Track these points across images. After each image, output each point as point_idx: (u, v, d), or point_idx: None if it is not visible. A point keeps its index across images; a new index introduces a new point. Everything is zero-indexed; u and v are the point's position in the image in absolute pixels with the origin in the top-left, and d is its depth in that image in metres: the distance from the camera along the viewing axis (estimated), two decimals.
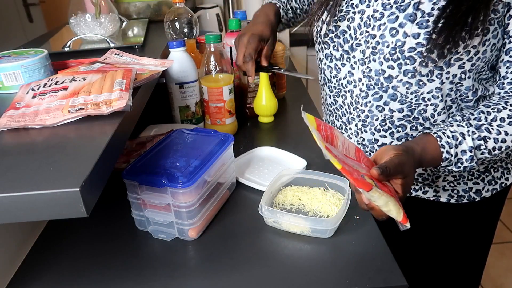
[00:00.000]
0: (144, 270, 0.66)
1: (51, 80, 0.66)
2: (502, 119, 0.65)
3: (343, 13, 0.76)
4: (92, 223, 0.76)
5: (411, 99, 0.72)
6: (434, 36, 0.65)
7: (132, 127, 0.65)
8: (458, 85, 0.69)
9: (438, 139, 0.65)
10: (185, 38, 1.10)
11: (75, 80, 0.65)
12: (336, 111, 0.84)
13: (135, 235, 0.74)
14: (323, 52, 0.82)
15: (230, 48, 1.18)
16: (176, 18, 1.08)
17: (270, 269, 0.65)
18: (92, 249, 0.71)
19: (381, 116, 0.76)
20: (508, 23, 0.66)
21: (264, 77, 1.12)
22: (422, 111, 0.73)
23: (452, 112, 0.74)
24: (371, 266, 0.64)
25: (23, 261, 0.70)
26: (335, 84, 0.81)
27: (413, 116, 0.74)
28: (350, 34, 0.75)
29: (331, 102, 0.85)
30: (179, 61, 0.99)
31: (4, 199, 0.41)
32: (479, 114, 0.66)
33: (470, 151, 0.65)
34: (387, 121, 0.76)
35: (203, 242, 0.71)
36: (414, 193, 0.85)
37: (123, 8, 1.34)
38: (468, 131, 0.65)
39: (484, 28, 0.64)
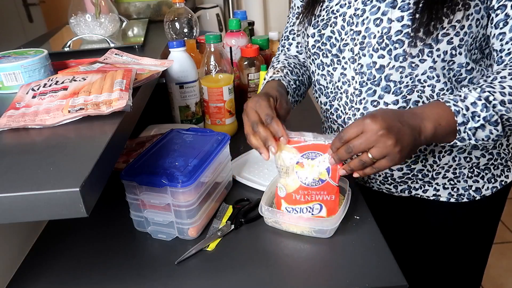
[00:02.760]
0: (144, 270, 0.66)
1: (51, 80, 0.66)
2: (503, 77, 0.64)
3: (324, 21, 0.77)
4: (92, 223, 0.76)
5: (406, 83, 0.71)
6: (417, 16, 0.66)
7: (132, 127, 0.65)
8: (450, 63, 0.69)
9: (440, 99, 0.63)
10: (185, 38, 1.10)
11: (75, 80, 0.65)
12: (331, 115, 0.84)
13: (135, 235, 0.74)
14: (314, 63, 0.82)
15: (230, 48, 1.18)
16: (176, 18, 1.08)
17: (270, 269, 0.65)
18: (92, 249, 0.71)
19: None
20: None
21: (264, 77, 1.12)
22: (419, 98, 0.72)
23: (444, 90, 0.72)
24: (371, 266, 0.64)
25: (23, 261, 0.70)
26: (331, 89, 0.81)
27: (408, 107, 0.73)
28: (335, 38, 0.76)
29: (327, 108, 0.84)
30: (179, 61, 0.99)
31: (4, 199, 0.41)
32: (478, 82, 0.66)
33: (480, 100, 0.61)
34: None
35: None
36: (414, 192, 0.84)
37: (123, 8, 1.34)
38: (470, 89, 0.63)
39: (465, 3, 0.65)
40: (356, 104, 0.77)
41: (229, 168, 0.84)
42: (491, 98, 0.61)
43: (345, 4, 0.75)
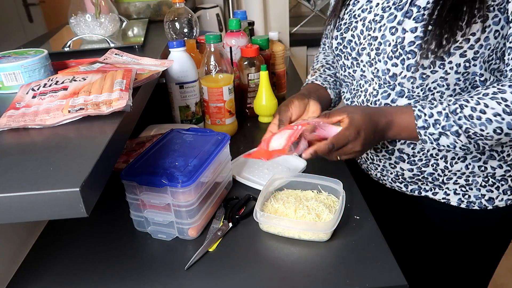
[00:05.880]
0: (144, 270, 0.66)
1: (51, 80, 0.66)
2: (485, 94, 0.66)
3: (346, 25, 0.80)
4: (92, 223, 0.76)
5: (417, 93, 0.73)
6: (430, 28, 0.66)
7: (132, 127, 0.65)
8: (465, 74, 0.69)
9: (411, 104, 0.71)
10: (185, 38, 1.10)
11: (75, 80, 0.65)
12: None
13: (135, 235, 0.74)
14: (338, 64, 0.85)
15: (230, 48, 1.18)
16: (176, 18, 1.08)
17: (271, 268, 0.65)
18: (92, 249, 0.71)
19: None
20: (508, 9, 0.65)
21: (264, 77, 1.12)
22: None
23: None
24: (371, 266, 0.64)
25: (23, 261, 0.70)
26: (354, 86, 0.83)
27: None
28: (355, 42, 0.78)
29: (348, 103, 0.87)
30: (179, 61, 0.99)
31: (4, 199, 0.41)
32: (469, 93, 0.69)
33: (444, 110, 0.67)
34: None
35: (203, 242, 0.70)
36: (424, 193, 0.84)
37: (123, 8, 1.34)
38: (445, 100, 0.68)
39: (482, 15, 0.64)
40: (371, 104, 0.78)
41: (229, 168, 0.84)
42: (458, 110, 0.66)
43: (367, 9, 0.76)
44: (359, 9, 0.78)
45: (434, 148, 0.76)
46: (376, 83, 0.77)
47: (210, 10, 1.76)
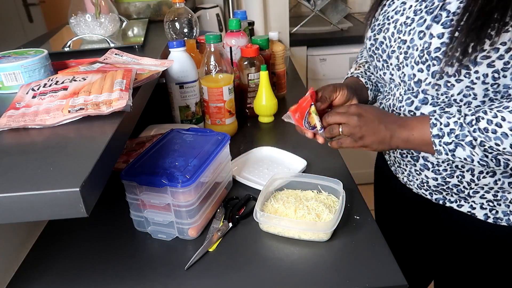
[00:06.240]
0: (144, 270, 0.66)
1: (51, 80, 0.66)
2: (506, 107, 0.62)
3: (379, 26, 0.79)
4: (92, 223, 0.76)
5: (442, 100, 0.71)
6: (456, 34, 0.64)
7: (132, 127, 0.65)
8: (495, 85, 0.65)
9: (431, 115, 0.69)
10: (185, 38, 1.10)
11: (75, 80, 0.65)
12: None
13: (135, 235, 0.74)
14: (372, 65, 0.85)
15: (230, 48, 1.18)
16: (176, 18, 1.08)
17: (271, 268, 0.65)
18: (92, 249, 0.71)
19: None
20: None
21: (264, 77, 1.12)
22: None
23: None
24: (371, 266, 0.64)
25: (23, 261, 0.70)
26: (387, 88, 0.83)
27: None
28: (386, 44, 0.77)
29: (378, 103, 0.87)
30: (179, 61, 0.99)
31: (4, 199, 0.41)
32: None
33: (460, 119, 0.65)
34: None
35: (203, 242, 0.70)
36: (448, 204, 0.80)
37: (123, 8, 1.34)
38: (464, 109, 0.66)
39: None
40: (396, 109, 0.78)
41: (229, 168, 0.84)
42: (473, 122, 0.64)
43: (400, 11, 0.75)
44: (393, 10, 0.76)
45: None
46: (402, 88, 0.76)
47: (210, 10, 1.76)
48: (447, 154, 0.67)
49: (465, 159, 0.66)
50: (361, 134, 0.71)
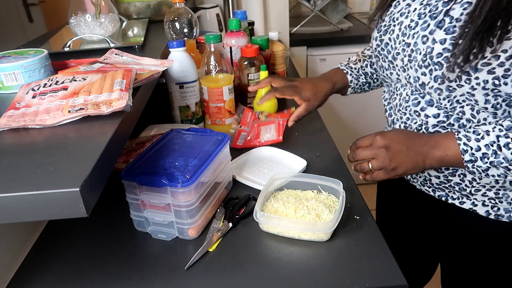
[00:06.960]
0: (144, 270, 0.66)
1: (51, 80, 0.66)
2: None
3: (385, 27, 0.80)
4: (92, 223, 0.76)
5: (445, 104, 0.71)
6: (459, 41, 0.64)
7: (132, 127, 0.65)
8: (495, 91, 0.65)
9: (456, 133, 0.68)
10: (185, 38, 1.10)
11: (75, 80, 0.65)
12: (385, 112, 0.87)
13: (135, 235, 0.74)
14: (377, 65, 0.85)
15: (230, 48, 1.18)
16: (176, 18, 1.08)
17: (271, 268, 0.65)
18: (93, 249, 0.71)
19: (419, 120, 0.76)
20: None
21: (264, 77, 1.12)
22: (461, 114, 0.71)
23: (496, 115, 0.70)
24: (371, 266, 0.64)
25: (23, 261, 0.70)
26: (392, 88, 0.83)
27: (448, 122, 0.72)
28: (391, 45, 0.78)
29: (386, 103, 0.87)
30: (179, 61, 0.99)
31: (4, 199, 0.41)
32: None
33: (493, 144, 0.64)
34: (423, 126, 0.76)
35: (203, 242, 0.71)
36: (450, 201, 0.81)
37: (123, 8, 1.34)
38: (494, 128, 0.64)
39: None
40: (402, 109, 0.78)
41: (229, 168, 0.84)
42: (510, 144, 0.63)
43: (404, 13, 0.75)
44: (398, 12, 0.77)
45: None
46: (409, 88, 0.77)
47: (210, 10, 1.76)
48: (480, 173, 0.68)
49: (498, 176, 0.67)
50: (393, 166, 0.70)
